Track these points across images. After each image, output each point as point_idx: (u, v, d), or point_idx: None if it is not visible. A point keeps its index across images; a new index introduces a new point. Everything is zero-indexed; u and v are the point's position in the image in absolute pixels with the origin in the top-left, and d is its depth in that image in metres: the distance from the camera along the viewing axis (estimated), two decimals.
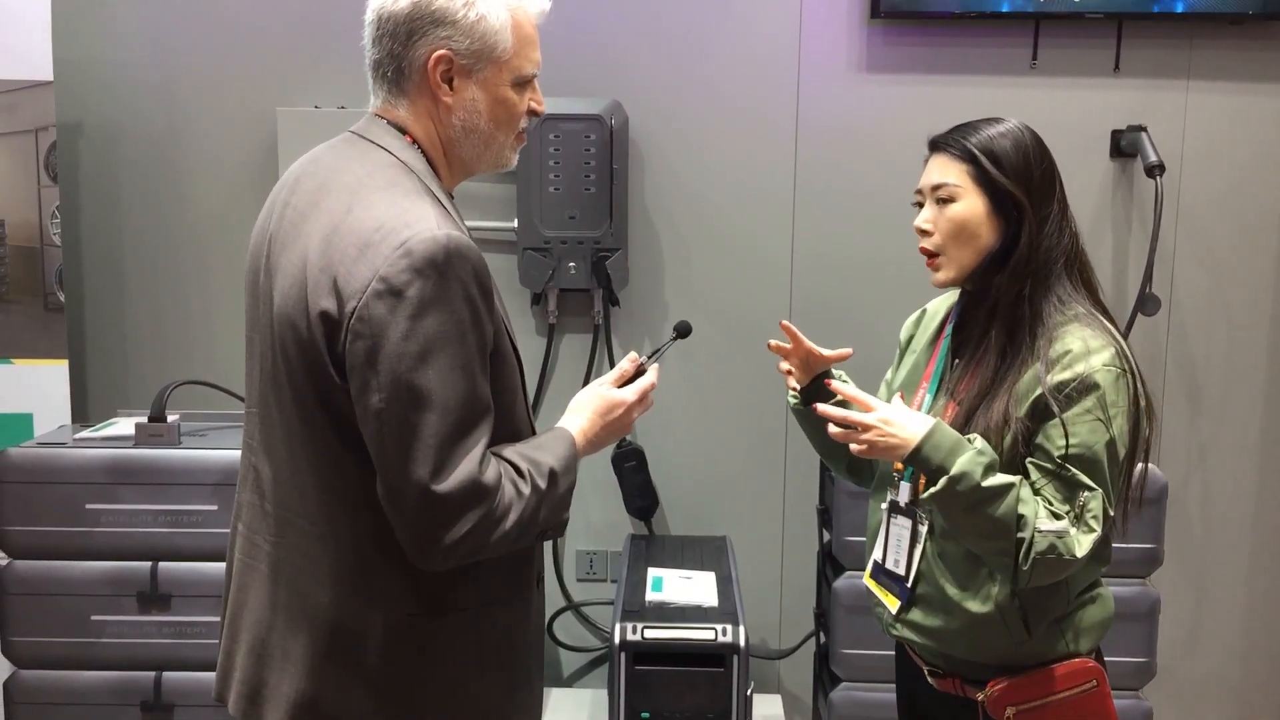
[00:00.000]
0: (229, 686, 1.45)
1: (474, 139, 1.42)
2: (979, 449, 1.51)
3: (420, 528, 1.27)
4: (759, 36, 2.89)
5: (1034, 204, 1.59)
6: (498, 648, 1.43)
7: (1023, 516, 1.50)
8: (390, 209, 1.29)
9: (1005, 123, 1.63)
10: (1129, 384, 1.54)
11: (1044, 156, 1.62)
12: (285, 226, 1.37)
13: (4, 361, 2.78)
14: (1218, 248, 2.95)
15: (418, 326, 1.24)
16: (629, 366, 1.58)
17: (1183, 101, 2.89)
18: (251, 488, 1.44)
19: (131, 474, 2.44)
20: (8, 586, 2.45)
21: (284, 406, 1.36)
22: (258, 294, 1.41)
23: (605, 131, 2.81)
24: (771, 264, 2.95)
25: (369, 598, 1.35)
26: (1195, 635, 3.05)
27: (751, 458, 3.01)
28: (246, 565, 1.44)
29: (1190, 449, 3.01)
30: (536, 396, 2.96)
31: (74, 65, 2.88)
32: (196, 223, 2.96)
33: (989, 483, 1.49)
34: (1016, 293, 1.59)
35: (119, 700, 2.47)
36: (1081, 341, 1.54)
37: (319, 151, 1.45)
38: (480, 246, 1.34)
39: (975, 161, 1.59)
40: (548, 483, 1.35)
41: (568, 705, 2.94)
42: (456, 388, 1.26)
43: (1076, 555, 1.49)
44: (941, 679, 1.66)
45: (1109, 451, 1.52)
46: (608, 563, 3.06)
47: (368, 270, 1.25)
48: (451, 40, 1.36)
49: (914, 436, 1.52)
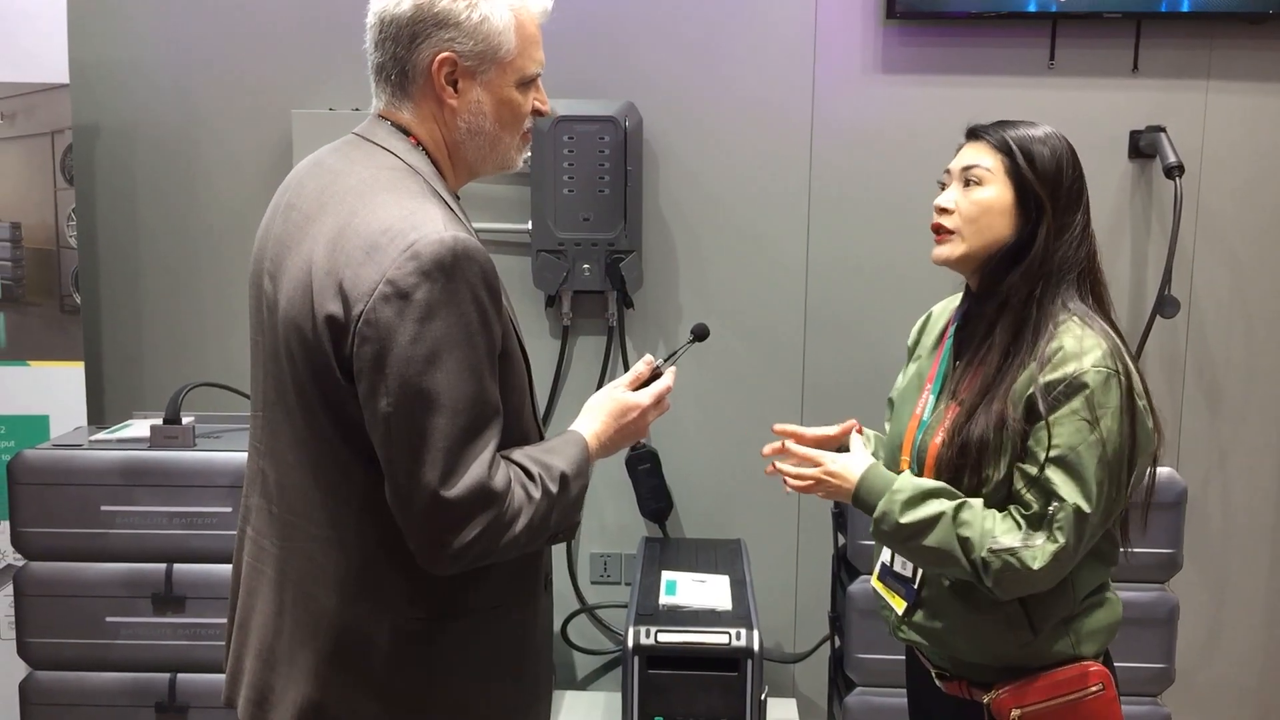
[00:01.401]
0: (238, 691, 1.44)
1: (479, 140, 1.41)
2: (895, 488, 1.58)
3: (429, 532, 1.26)
4: (774, 37, 2.88)
5: (1057, 209, 1.60)
6: (506, 652, 1.42)
7: (966, 540, 1.52)
8: (396, 211, 1.29)
9: (1045, 127, 1.66)
10: (1120, 384, 1.52)
11: (1076, 168, 1.64)
12: (290, 229, 1.36)
13: (20, 364, 2.79)
14: (1238, 249, 2.92)
15: (425, 330, 1.23)
16: (644, 369, 1.57)
17: (1202, 102, 2.86)
18: (258, 491, 1.44)
19: (146, 476, 2.45)
20: (24, 588, 2.46)
21: (290, 410, 1.35)
22: (262, 297, 1.40)
23: (619, 133, 2.80)
24: (786, 266, 2.94)
25: (376, 603, 1.34)
26: (1214, 640, 3.02)
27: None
28: (254, 569, 1.43)
29: (1210, 452, 2.98)
30: (550, 399, 2.96)
31: (89, 68, 2.89)
32: (212, 225, 2.97)
33: (908, 519, 1.55)
34: (1027, 293, 1.59)
35: (134, 702, 2.48)
36: (1075, 340, 1.54)
37: (322, 154, 1.45)
38: (494, 248, 1.34)
39: (1010, 154, 1.62)
40: (559, 486, 1.34)
41: (581, 708, 2.93)
42: (465, 391, 1.25)
43: (1033, 568, 1.49)
44: (949, 681, 1.67)
45: (1095, 453, 1.50)
46: (622, 565, 3.06)
47: (374, 273, 1.24)
48: (455, 42, 1.36)
49: (850, 483, 1.63)
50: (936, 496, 1.56)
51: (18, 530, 2.46)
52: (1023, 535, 1.50)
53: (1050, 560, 1.49)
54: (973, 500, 1.56)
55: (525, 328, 2.88)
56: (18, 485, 2.44)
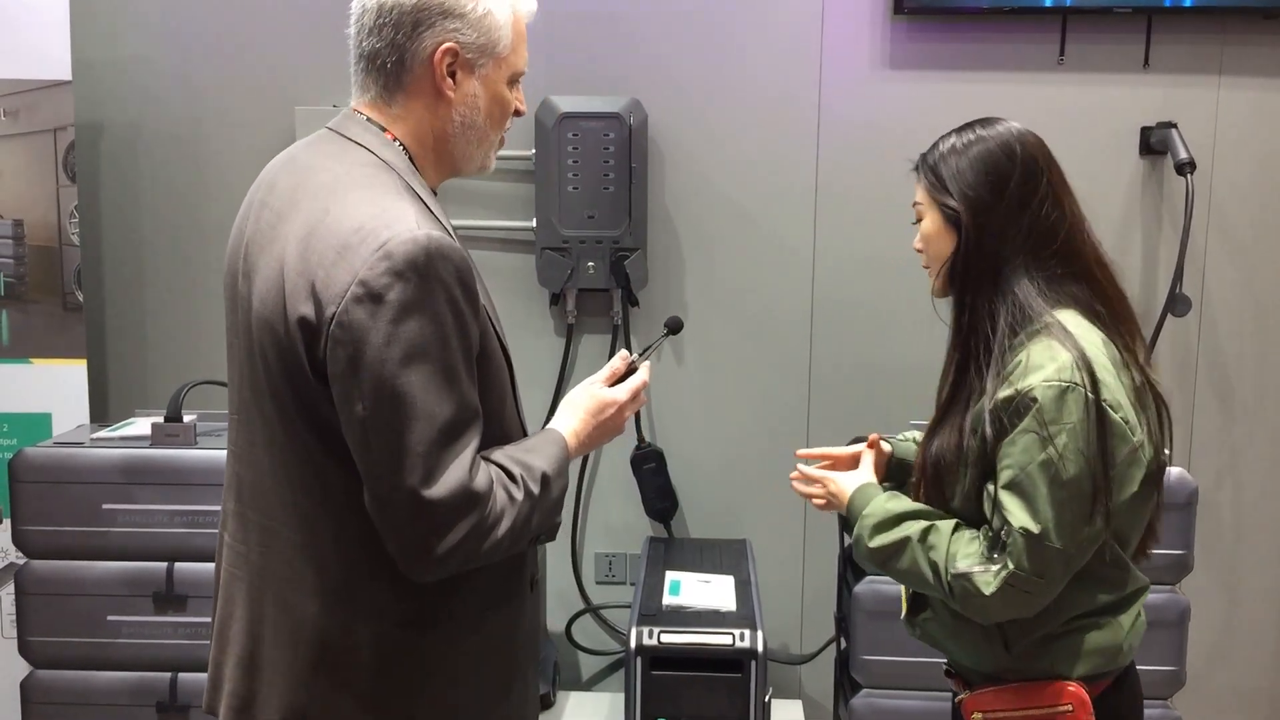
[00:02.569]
0: (219, 699, 1.42)
1: (470, 135, 1.40)
2: (866, 512, 1.59)
3: (411, 538, 1.23)
4: (781, 33, 2.86)
5: (979, 211, 1.55)
6: (490, 656, 1.40)
7: (934, 564, 1.51)
8: (369, 210, 1.26)
9: (975, 132, 1.59)
10: (1082, 397, 1.43)
11: (1013, 163, 1.55)
12: (262, 228, 1.34)
13: (23, 361, 2.78)
14: (1250, 246, 2.89)
15: (399, 331, 1.21)
16: (620, 365, 1.54)
17: (1214, 97, 2.83)
18: (234, 495, 1.42)
19: (148, 474, 2.44)
20: (25, 586, 2.46)
21: (265, 412, 1.33)
22: (236, 298, 1.38)
23: (624, 130, 2.78)
24: (793, 263, 2.92)
25: (357, 609, 1.32)
26: (1227, 642, 2.99)
27: (772, 460, 2.97)
28: (232, 575, 1.41)
29: (1222, 451, 2.95)
30: (555, 397, 2.94)
31: (92, 65, 2.88)
32: (215, 222, 2.95)
33: (876, 543, 1.56)
34: (968, 304, 1.57)
35: (134, 701, 2.47)
36: (1039, 353, 1.48)
37: (296, 149, 1.43)
38: (498, 246, 1.32)
39: (925, 176, 1.63)
40: (540, 487, 1.32)
41: (586, 709, 2.92)
42: (442, 392, 1.23)
43: (985, 594, 1.45)
44: (950, 676, 1.70)
45: (1046, 474, 1.42)
46: (627, 565, 3.04)
47: (346, 274, 1.22)
48: (459, 33, 1.34)
49: (844, 503, 1.66)
50: (910, 519, 1.55)
51: (19, 528, 2.45)
52: (982, 559, 1.47)
53: (1001, 585, 1.44)
54: (941, 523, 1.53)
55: (529, 326, 2.93)
56: (19, 483, 2.43)
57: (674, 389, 2.97)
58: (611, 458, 2.98)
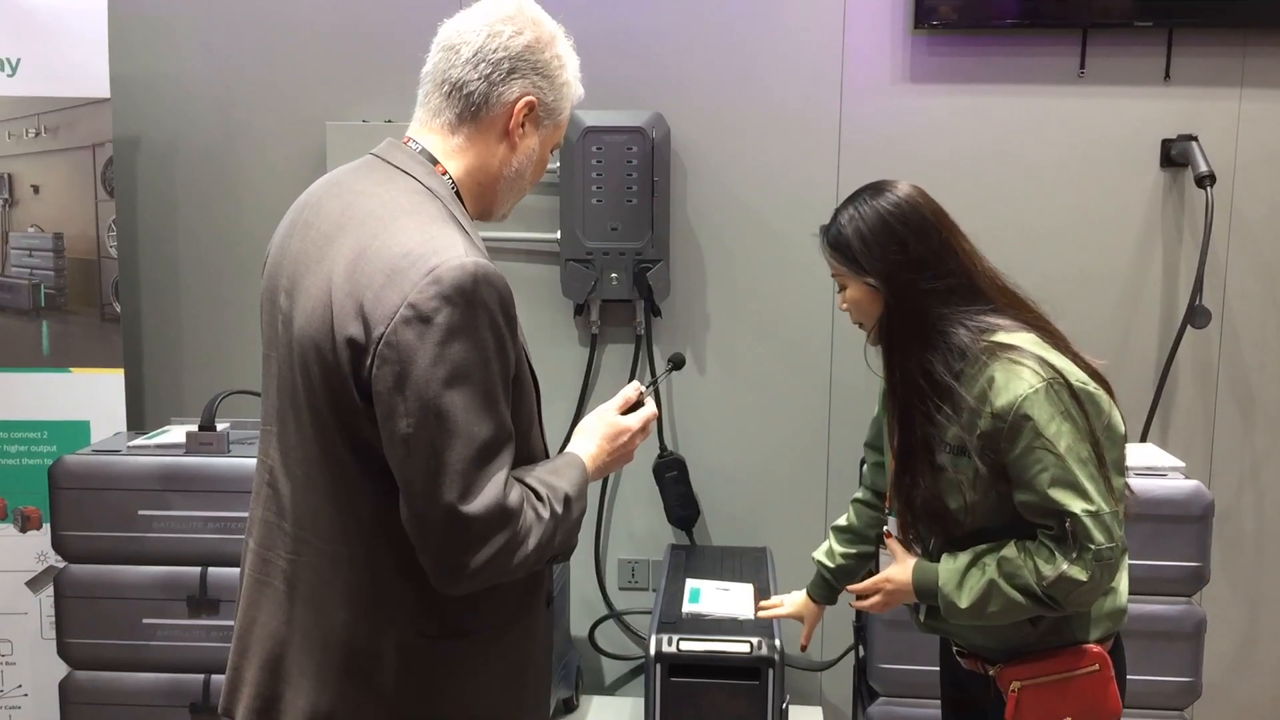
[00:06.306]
0: (237, 701, 1.46)
1: (514, 185, 1.47)
2: (942, 581, 1.66)
3: (446, 551, 1.28)
4: (801, 47, 2.89)
5: (890, 278, 1.67)
6: (510, 668, 1.45)
7: (1023, 587, 1.60)
8: (418, 235, 1.31)
9: (865, 201, 1.72)
10: (1061, 383, 1.58)
11: (908, 225, 1.68)
12: (308, 248, 1.38)
13: (63, 370, 2.86)
14: (1271, 259, 2.89)
15: (445, 353, 1.25)
16: (633, 394, 1.59)
17: (1235, 110, 2.84)
18: (266, 505, 1.46)
19: (182, 481, 2.50)
20: (64, 590, 2.53)
21: (302, 427, 1.38)
22: (276, 313, 1.42)
23: (647, 143, 2.82)
24: (813, 275, 2.93)
25: (384, 619, 1.37)
26: (1247, 653, 2.98)
27: (793, 468, 3.01)
28: (259, 582, 1.46)
29: (1243, 463, 2.94)
30: (579, 406, 2.98)
31: (130, 82, 2.96)
32: (248, 235, 3.03)
33: (967, 602, 1.64)
34: (897, 363, 1.69)
35: (169, 702, 2.54)
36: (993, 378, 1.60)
37: (340, 174, 1.47)
38: (523, 258, 1.37)
39: (836, 257, 1.74)
40: (564, 507, 1.36)
41: (609, 713, 2.96)
42: (482, 413, 1.28)
43: (1084, 580, 1.58)
44: (967, 658, 1.79)
45: (1074, 458, 1.57)
46: (649, 572, 3.07)
47: (396, 296, 1.26)
48: (543, 91, 1.43)
49: (907, 587, 1.72)
50: (973, 567, 1.64)
51: (58, 533, 2.52)
52: (1060, 557, 1.58)
53: (1093, 564, 1.57)
54: (1004, 550, 1.63)
55: (554, 336, 2.98)
56: (59, 490, 2.51)
57: (696, 398, 3.01)
58: (635, 466, 3.00)
